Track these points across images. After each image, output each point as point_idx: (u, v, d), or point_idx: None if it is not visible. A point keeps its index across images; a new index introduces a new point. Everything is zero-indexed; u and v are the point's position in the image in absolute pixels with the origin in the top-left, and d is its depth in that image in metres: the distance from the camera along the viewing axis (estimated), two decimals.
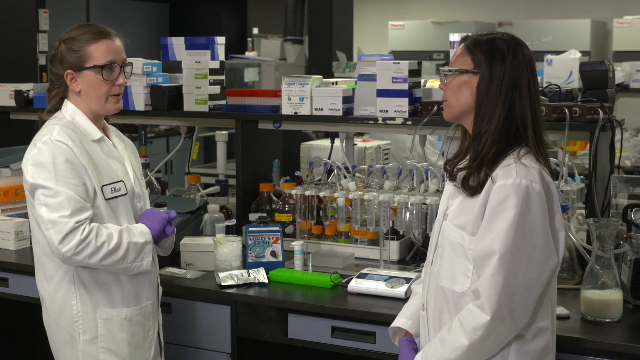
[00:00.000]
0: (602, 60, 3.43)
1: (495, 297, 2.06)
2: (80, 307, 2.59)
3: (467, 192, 2.17)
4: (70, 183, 2.50)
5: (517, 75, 2.15)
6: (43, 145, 2.53)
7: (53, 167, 2.50)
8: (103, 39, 2.60)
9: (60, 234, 2.45)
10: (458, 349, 2.11)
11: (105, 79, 2.60)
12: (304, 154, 4.18)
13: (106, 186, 2.59)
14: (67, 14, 8.52)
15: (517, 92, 2.15)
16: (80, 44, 2.59)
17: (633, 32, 8.14)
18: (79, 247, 2.46)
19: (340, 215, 3.25)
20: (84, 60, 2.59)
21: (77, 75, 2.60)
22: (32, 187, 2.52)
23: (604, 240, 2.57)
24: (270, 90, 3.65)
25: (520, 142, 2.16)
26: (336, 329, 2.80)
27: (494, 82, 2.15)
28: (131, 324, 2.65)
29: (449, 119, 2.29)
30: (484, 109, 2.16)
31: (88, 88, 2.61)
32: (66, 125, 2.59)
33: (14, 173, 3.90)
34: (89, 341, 2.60)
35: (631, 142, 6.14)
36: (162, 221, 2.66)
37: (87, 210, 2.50)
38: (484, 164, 2.14)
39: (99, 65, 2.58)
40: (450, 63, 2.27)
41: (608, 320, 2.56)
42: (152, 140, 7.42)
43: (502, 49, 2.16)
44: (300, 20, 7.05)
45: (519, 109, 2.15)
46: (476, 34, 2.25)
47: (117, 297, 2.63)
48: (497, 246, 2.07)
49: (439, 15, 9.57)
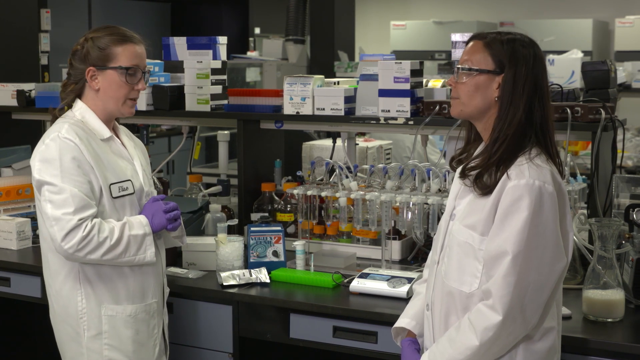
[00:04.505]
0: (604, 60, 3.42)
1: (507, 297, 2.06)
2: (85, 304, 2.61)
3: (480, 191, 2.15)
4: (76, 180, 2.52)
5: (538, 77, 2.15)
6: (51, 142, 2.56)
7: (59, 164, 2.53)
8: (131, 42, 2.66)
9: (63, 230, 2.48)
10: (468, 349, 2.11)
11: (127, 81, 2.64)
12: (306, 154, 4.17)
13: (113, 185, 2.61)
14: (69, 14, 8.53)
15: (536, 94, 2.14)
16: (108, 43, 2.63)
17: (635, 32, 8.13)
18: (82, 244, 2.48)
19: (342, 215, 3.25)
20: (109, 59, 2.62)
21: (99, 74, 2.63)
22: (39, 184, 2.55)
23: (606, 240, 2.57)
24: (272, 90, 3.66)
25: (533, 142, 2.16)
26: (338, 329, 2.80)
27: (517, 85, 2.13)
28: (135, 321, 2.66)
29: (457, 116, 2.26)
30: (508, 111, 2.14)
31: (108, 88, 2.64)
32: (75, 123, 2.62)
33: (16, 173, 3.91)
34: (93, 337, 2.62)
35: (633, 142, 6.13)
36: (162, 212, 2.66)
37: (90, 208, 2.52)
38: (500, 164, 2.13)
39: (125, 67, 2.63)
40: (465, 61, 2.21)
41: (610, 320, 2.56)
42: (154, 140, 7.40)
43: (524, 50, 2.15)
44: (302, 20, 7.06)
45: (538, 111, 2.14)
46: (491, 32, 2.21)
47: (122, 293, 2.64)
48: (510, 247, 2.07)
49: (440, 15, 9.56)
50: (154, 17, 10.35)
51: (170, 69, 3.74)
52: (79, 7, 9.24)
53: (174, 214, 2.71)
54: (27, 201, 3.76)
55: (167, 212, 2.68)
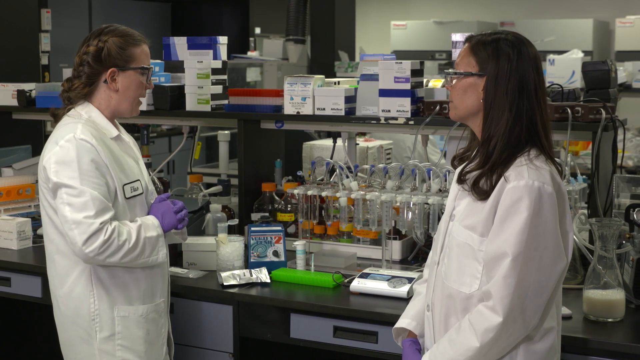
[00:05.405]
0: (604, 60, 3.42)
1: (507, 298, 2.06)
2: (98, 305, 2.60)
3: (478, 196, 2.15)
4: (95, 183, 2.50)
5: (523, 75, 2.13)
6: (67, 143, 2.53)
7: (78, 166, 2.50)
8: (144, 43, 2.70)
9: (84, 234, 2.45)
10: (469, 350, 2.11)
11: (144, 81, 2.67)
12: (306, 154, 4.18)
13: (127, 185, 2.61)
14: (70, 14, 8.53)
15: (524, 92, 2.13)
16: (127, 45, 2.64)
17: (635, 32, 8.13)
18: (103, 248, 2.47)
19: (342, 215, 3.25)
20: (130, 60, 2.64)
21: (120, 74, 2.63)
22: (56, 186, 2.51)
23: (607, 240, 2.57)
24: (273, 90, 3.66)
25: (530, 143, 2.15)
26: (338, 329, 2.80)
27: (500, 84, 2.13)
28: (147, 321, 2.66)
29: (454, 119, 2.29)
30: (492, 112, 2.15)
31: (128, 88, 2.65)
32: (87, 123, 2.60)
33: (16, 173, 3.91)
34: (106, 338, 2.61)
35: (633, 142, 6.13)
36: (172, 212, 2.67)
37: (110, 211, 2.52)
38: (495, 167, 2.13)
39: (146, 67, 2.67)
40: (455, 64, 2.26)
41: (610, 320, 2.56)
42: (154, 140, 7.42)
43: (506, 49, 2.15)
44: (303, 20, 7.06)
45: (528, 110, 2.13)
46: (480, 34, 2.22)
47: (134, 294, 2.64)
48: (510, 248, 2.07)
49: (441, 15, 9.57)
50: (154, 17, 10.35)
51: (171, 68, 3.74)
52: (79, 7, 9.24)
53: (183, 213, 2.71)
54: (27, 201, 3.76)
55: (177, 213, 2.69)
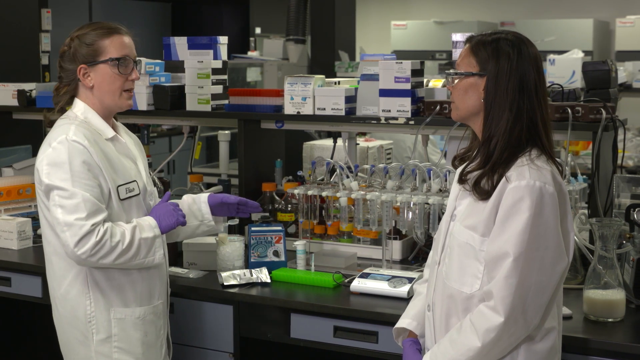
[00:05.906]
0: (604, 60, 3.43)
1: (509, 298, 2.06)
2: (94, 307, 2.59)
3: (479, 196, 2.15)
4: (87, 184, 2.49)
5: (524, 75, 2.13)
6: (59, 145, 2.51)
7: (69, 167, 2.48)
8: (117, 33, 2.63)
9: (76, 236, 2.44)
10: (470, 350, 2.11)
11: (120, 72, 2.61)
12: (307, 154, 4.18)
13: (121, 186, 2.59)
14: (70, 14, 8.53)
15: (524, 92, 2.13)
16: (94, 38, 2.60)
17: (636, 32, 8.13)
18: (94, 249, 2.46)
19: (342, 215, 3.25)
20: (98, 54, 2.60)
21: (91, 70, 2.61)
22: (47, 188, 2.50)
23: (607, 240, 2.57)
24: (273, 90, 3.65)
25: (531, 142, 2.15)
26: (339, 329, 2.80)
27: (500, 83, 2.13)
28: (144, 323, 2.65)
29: (456, 119, 2.29)
30: (493, 112, 2.15)
31: (102, 82, 2.61)
32: (81, 124, 2.58)
33: (16, 173, 3.91)
34: (102, 341, 2.60)
35: (634, 142, 6.13)
36: (172, 213, 2.66)
37: (102, 212, 2.50)
38: (496, 167, 2.13)
39: (115, 58, 2.60)
40: (456, 65, 2.26)
41: (611, 320, 2.56)
42: (154, 140, 7.42)
43: (507, 49, 2.15)
44: (303, 20, 7.06)
45: (528, 109, 2.13)
46: (480, 34, 2.23)
47: (130, 296, 2.63)
48: (511, 248, 2.07)
49: (441, 15, 9.57)
50: (154, 17, 10.36)
51: (171, 68, 3.74)
52: (79, 7, 9.24)
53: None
54: (27, 201, 3.76)
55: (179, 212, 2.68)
